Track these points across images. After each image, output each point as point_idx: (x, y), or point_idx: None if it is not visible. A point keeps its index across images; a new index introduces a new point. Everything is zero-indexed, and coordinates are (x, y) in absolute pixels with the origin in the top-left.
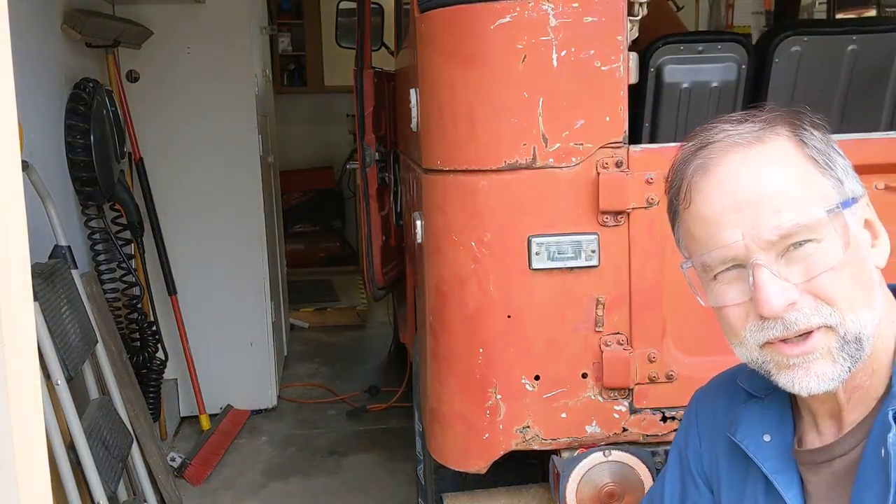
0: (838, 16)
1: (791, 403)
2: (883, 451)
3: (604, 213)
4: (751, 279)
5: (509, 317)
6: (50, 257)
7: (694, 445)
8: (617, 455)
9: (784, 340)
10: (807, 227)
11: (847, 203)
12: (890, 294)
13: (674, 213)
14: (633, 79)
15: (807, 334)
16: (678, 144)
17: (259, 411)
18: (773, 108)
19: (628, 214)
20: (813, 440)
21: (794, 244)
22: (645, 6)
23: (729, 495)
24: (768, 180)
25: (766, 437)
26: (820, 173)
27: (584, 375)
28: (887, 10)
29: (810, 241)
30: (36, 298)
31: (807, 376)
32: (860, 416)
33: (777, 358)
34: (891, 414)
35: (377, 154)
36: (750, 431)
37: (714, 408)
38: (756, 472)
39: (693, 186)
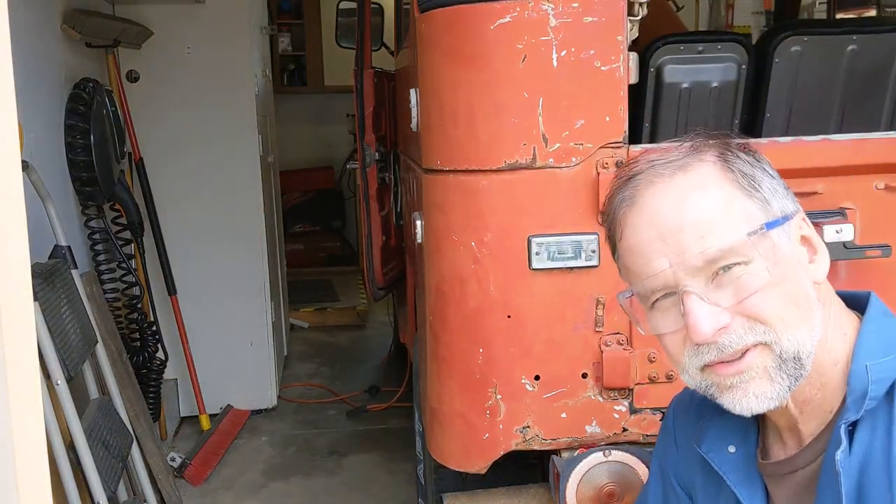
0: (838, 16)
1: (756, 415)
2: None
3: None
4: (682, 306)
5: (509, 317)
6: (50, 257)
7: (672, 454)
8: (617, 455)
9: (722, 362)
10: (731, 250)
11: (774, 223)
12: (839, 306)
13: (612, 245)
14: (633, 79)
15: (742, 353)
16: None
17: (259, 411)
18: (700, 134)
19: None
20: (778, 452)
21: (722, 268)
22: (645, 6)
23: None
24: (690, 208)
25: (731, 449)
26: (745, 196)
27: (584, 375)
28: (887, 10)
29: (738, 263)
30: (36, 298)
31: (745, 396)
32: (817, 428)
33: (717, 380)
34: (843, 428)
35: (377, 154)
36: (715, 443)
37: (687, 418)
38: (728, 484)
39: (623, 219)
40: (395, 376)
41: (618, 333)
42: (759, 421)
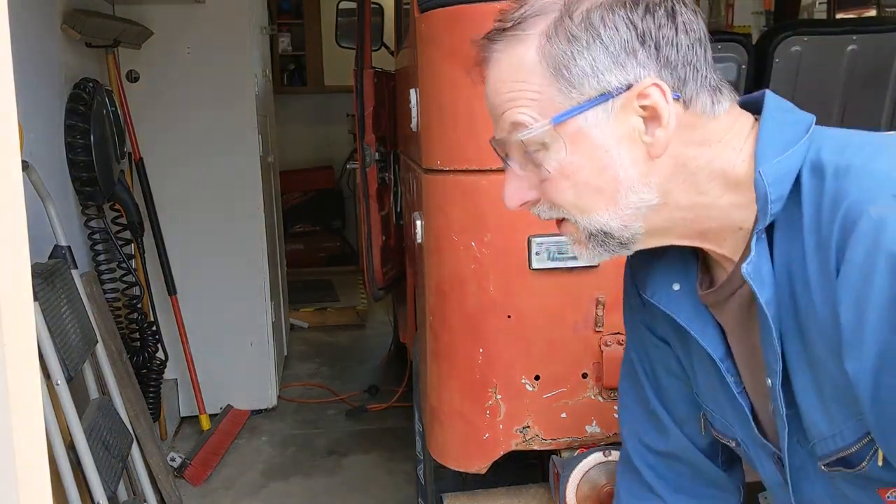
0: (838, 16)
1: (692, 249)
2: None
3: None
4: None
5: (509, 317)
6: (50, 257)
7: (640, 311)
8: (617, 455)
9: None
10: (524, 138)
11: (569, 112)
12: (731, 131)
13: None
14: None
15: (560, 220)
16: None
17: (259, 411)
18: None
19: None
20: (721, 277)
21: (529, 150)
22: None
23: (681, 349)
24: (500, 89)
25: (675, 287)
26: (549, 80)
27: (584, 375)
28: (887, 10)
29: (539, 148)
30: (36, 298)
31: (574, 252)
32: (740, 245)
33: None
34: (754, 238)
35: (377, 154)
36: (659, 285)
37: (638, 269)
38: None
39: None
40: (394, 376)
41: (618, 333)
42: (698, 254)
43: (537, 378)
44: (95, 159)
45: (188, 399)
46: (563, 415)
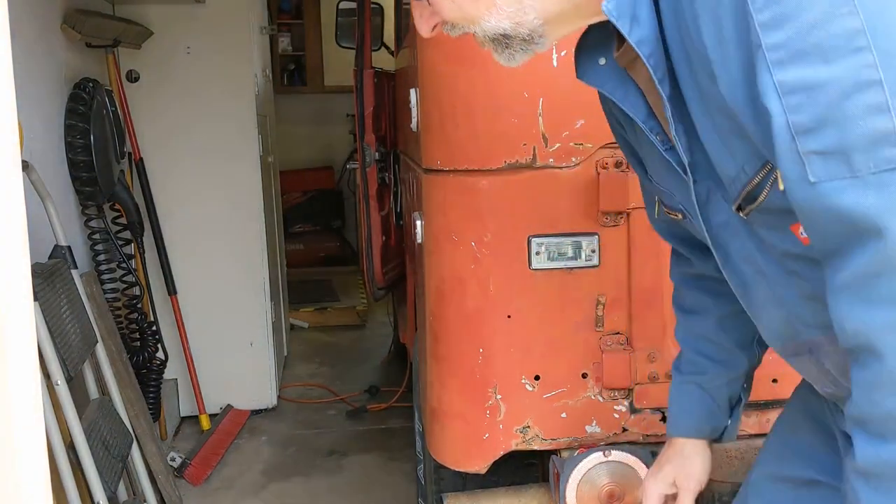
0: None
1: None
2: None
3: (604, 213)
4: None
5: (509, 317)
6: (50, 257)
7: (605, 100)
8: (617, 455)
9: None
10: None
11: None
12: None
13: None
14: None
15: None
16: None
17: (259, 411)
18: None
19: (628, 214)
20: None
21: None
22: None
23: (631, 130)
24: None
25: (602, 62)
26: None
27: (584, 375)
28: None
29: None
30: (36, 298)
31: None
32: None
33: None
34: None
35: (377, 154)
36: (587, 65)
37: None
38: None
39: None
40: (395, 376)
41: (618, 333)
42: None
43: (537, 378)
44: (95, 159)
45: (188, 399)
46: (563, 415)
